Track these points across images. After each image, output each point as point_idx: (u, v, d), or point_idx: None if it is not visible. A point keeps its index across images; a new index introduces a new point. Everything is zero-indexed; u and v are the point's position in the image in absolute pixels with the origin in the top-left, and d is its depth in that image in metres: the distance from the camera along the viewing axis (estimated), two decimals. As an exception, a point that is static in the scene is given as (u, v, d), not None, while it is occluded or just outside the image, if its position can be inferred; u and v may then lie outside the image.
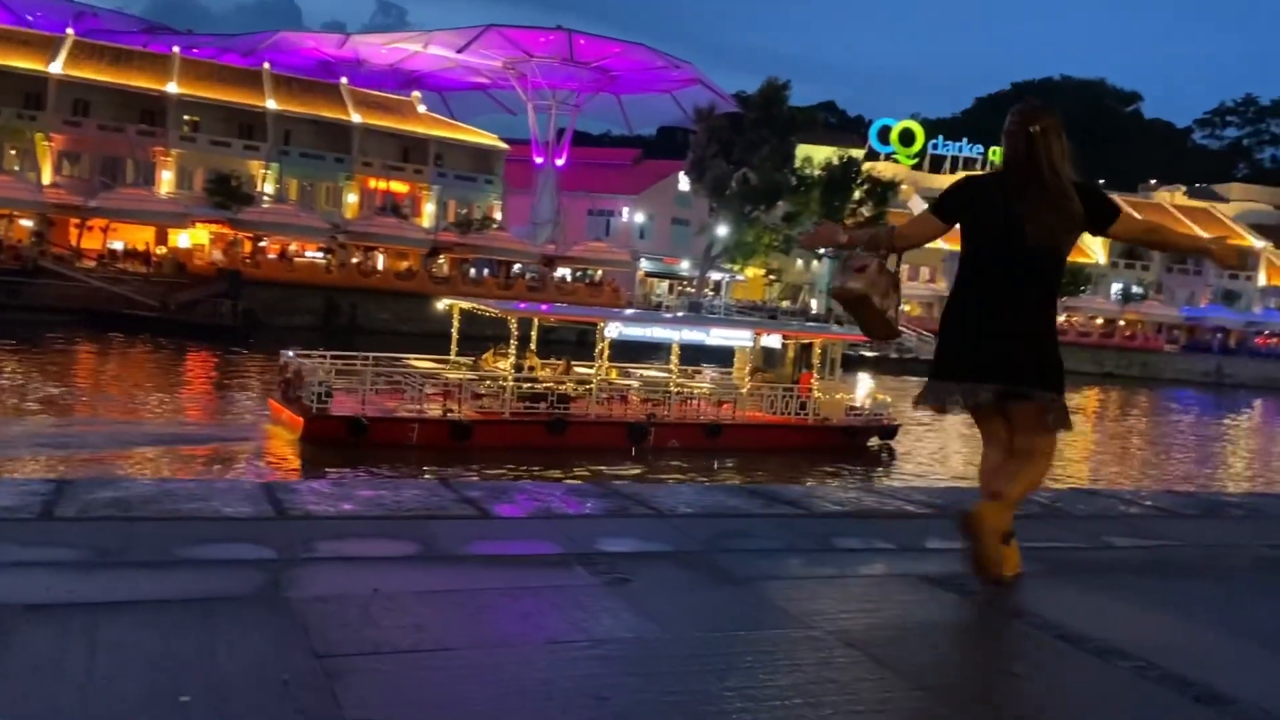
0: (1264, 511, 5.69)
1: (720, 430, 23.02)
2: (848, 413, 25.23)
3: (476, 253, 58.96)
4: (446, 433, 20.39)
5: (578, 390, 22.63)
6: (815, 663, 2.57)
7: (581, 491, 4.37)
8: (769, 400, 24.33)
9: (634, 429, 22.05)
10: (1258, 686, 2.68)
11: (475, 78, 70.64)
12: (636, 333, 25.87)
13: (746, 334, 26.44)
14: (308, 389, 19.79)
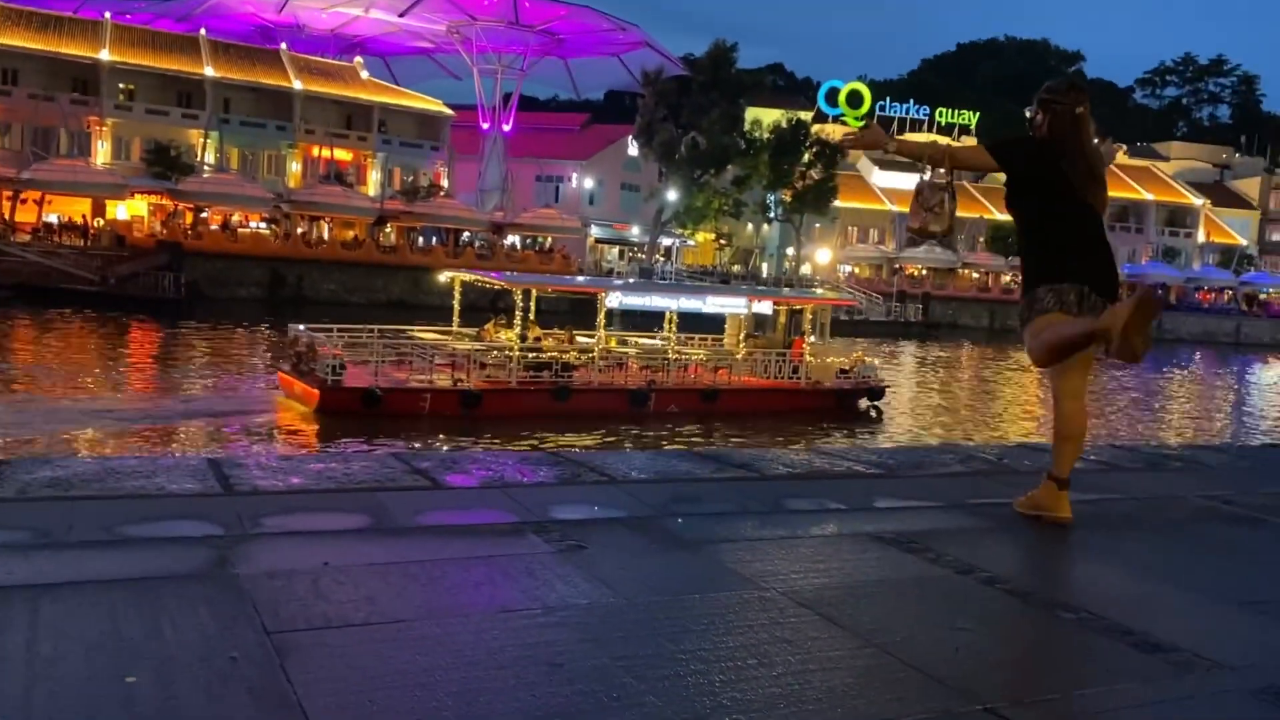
0: (1202, 463, 5.83)
1: (717, 395, 23.68)
2: (838, 375, 25.81)
3: (424, 221, 58.26)
4: (456, 402, 20.83)
5: (580, 359, 23.17)
6: (767, 623, 2.60)
7: (534, 460, 4.37)
8: (763, 365, 25.00)
9: (635, 395, 22.77)
10: (1195, 634, 2.76)
11: (419, 42, 69.47)
12: (635, 302, 26.35)
13: (741, 301, 26.92)
14: (321, 362, 20.17)
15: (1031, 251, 4.00)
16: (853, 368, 26.37)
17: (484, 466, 4.10)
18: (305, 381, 20.50)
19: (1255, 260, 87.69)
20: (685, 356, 24.71)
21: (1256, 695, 2.35)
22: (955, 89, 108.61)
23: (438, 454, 4.33)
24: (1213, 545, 3.88)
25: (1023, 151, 4.02)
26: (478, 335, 23.85)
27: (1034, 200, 3.98)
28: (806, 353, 25.49)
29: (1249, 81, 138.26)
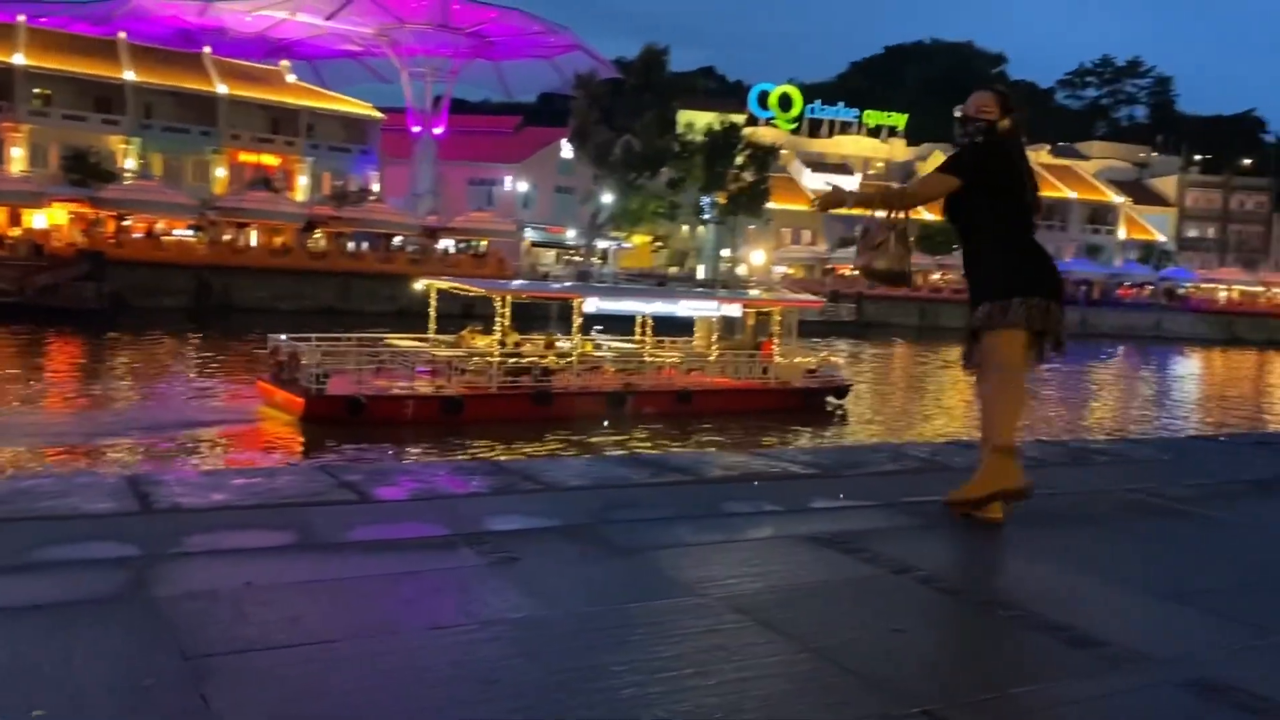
0: (1127, 456, 5.95)
1: (691, 396, 24.23)
2: (805, 375, 26.50)
3: (354, 226, 57.41)
4: (438, 408, 21.09)
5: (558, 363, 23.54)
6: (704, 630, 2.57)
7: (467, 470, 4.29)
8: (734, 367, 25.73)
9: (613, 398, 23.15)
10: (1126, 628, 2.79)
11: (346, 45, 68.49)
12: (611, 307, 26.56)
13: (712, 304, 27.56)
14: (305, 371, 20.40)
15: (1002, 257, 3.96)
16: (818, 367, 27.18)
17: (415, 478, 4.01)
18: (289, 391, 20.62)
19: (1173, 256, 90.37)
20: (659, 359, 25.33)
21: (1186, 688, 2.38)
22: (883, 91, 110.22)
23: (367, 466, 4.24)
24: (1139, 538, 3.95)
25: (984, 157, 3.99)
26: (456, 342, 24.06)
27: (998, 203, 3.97)
28: (775, 353, 26.26)
29: (1164, 82, 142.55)
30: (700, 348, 26.94)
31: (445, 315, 26.18)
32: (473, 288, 26.35)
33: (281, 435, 20.03)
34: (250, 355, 32.01)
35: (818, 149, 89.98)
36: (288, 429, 20.28)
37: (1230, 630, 2.83)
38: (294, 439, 19.75)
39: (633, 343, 26.33)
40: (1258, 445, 6.67)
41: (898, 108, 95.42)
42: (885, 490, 4.42)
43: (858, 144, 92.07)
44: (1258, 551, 3.79)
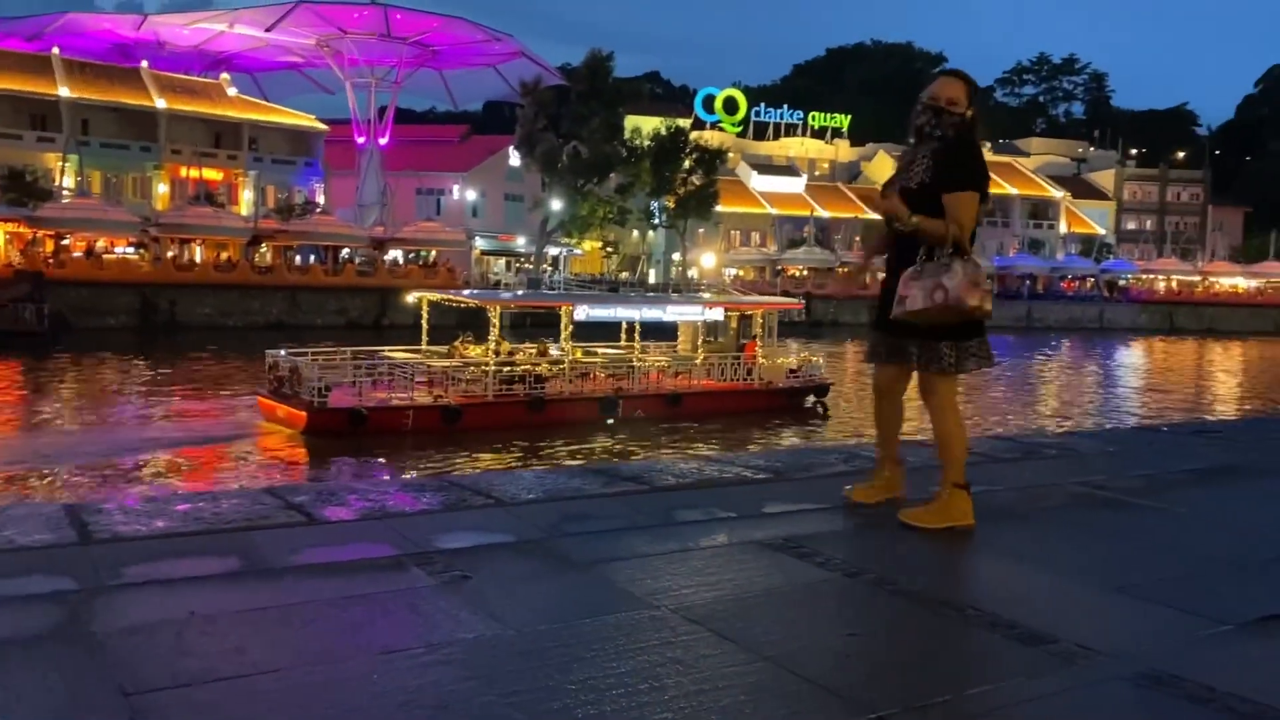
0: (1075, 450, 6.04)
1: (680, 399, 24.82)
2: (788, 375, 27.07)
3: (301, 239, 56.71)
4: (438, 418, 21.47)
5: (551, 370, 23.94)
6: (659, 643, 2.55)
7: (417, 486, 4.23)
8: (720, 369, 26.22)
9: (605, 403, 23.61)
10: (1075, 623, 2.82)
11: (288, 57, 67.67)
12: (601, 314, 27.10)
13: (697, 309, 27.95)
14: (307, 385, 20.67)
15: None
16: (800, 367, 27.76)
17: (363, 497, 3.95)
18: (290, 405, 20.82)
19: (1113, 248, 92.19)
20: (648, 364, 25.90)
21: (1135, 681, 2.41)
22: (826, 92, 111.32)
23: (314, 487, 4.17)
24: (1087, 531, 4.00)
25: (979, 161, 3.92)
26: (449, 352, 24.37)
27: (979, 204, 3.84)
28: (759, 355, 26.84)
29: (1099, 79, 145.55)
30: (685, 351, 27.45)
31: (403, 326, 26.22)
32: (466, 299, 26.72)
33: (286, 450, 20.14)
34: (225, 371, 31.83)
35: (764, 151, 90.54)
36: (291, 443, 20.45)
37: (1178, 622, 2.87)
38: (298, 452, 19.98)
39: (619, 348, 26.81)
40: (1197, 435, 6.80)
41: (840, 109, 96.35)
42: (838, 492, 4.44)
43: (803, 145, 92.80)
44: (1202, 541, 3.85)
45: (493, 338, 23.78)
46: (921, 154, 3.89)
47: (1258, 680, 2.44)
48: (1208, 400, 33.56)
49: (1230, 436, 6.70)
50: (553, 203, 64.79)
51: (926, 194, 3.78)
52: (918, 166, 3.87)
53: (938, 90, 3.88)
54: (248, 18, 61.81)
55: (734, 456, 5.58)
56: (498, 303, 24.90)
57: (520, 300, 30.42)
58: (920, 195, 3.80)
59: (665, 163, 66.71)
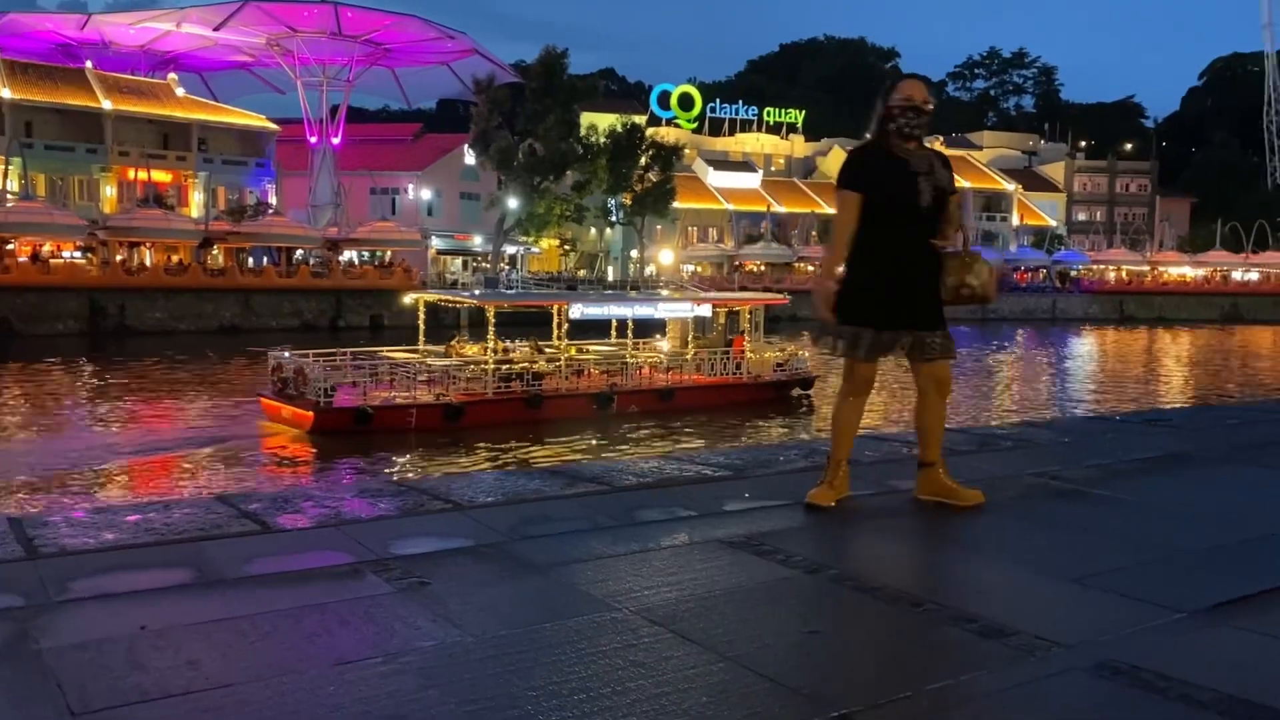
0: (1030, 440, 6.11)
1: (673, 394, 25.68)
2: (775, 369, 27.89)
3: (253, 241, 55.96)
4: (440, 415, 22.14)
5: (548, 368, 24.73)
6: (620, 646, 2.53)
7: (373, 491, 4.18)
8: (710, 364, 27.09)
9: (600, 398, 24.42)
10: (1034, 615, 2.84)
11: (237, 56, 66.70)
12: (595, 312, 28.00)
13: (687, 305, 28.83)
14: (312, 385, 21.22)
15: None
16: (786, 361, 28.49)
17: (319, 504, 3.89)
18: (296, 405, 21.35)
19: (1064, 240, 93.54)
20: (640, 359, 26.73)
21: (1094, 672, 2.43)
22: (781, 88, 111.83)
23: (268, 494, 4.10)
24: (1044, 521, 4.04)
25: None
26: (446, 352, 25.22)
27: None
28: (747, 350, 27.72)
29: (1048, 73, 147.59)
30: (674, 347, 28.26)
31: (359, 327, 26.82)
32: (464, 299, 27.91)
33: (296, 449, 20.61)
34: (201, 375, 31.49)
35: (720, 147, 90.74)
36: (299, 442, 20.86)
37: (1134, 611, 2.90)
38: (306, 451, 20.47)
39: (610, 345, 27.77)
40: (1149, 424, 6.90)
41: (795, 104, 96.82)
42: (798, 488, 4.44)
43: (759, 141, 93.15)
44: (1156, 530, 3.90)
45: (490, 337, 24.46)
46: (932, 156, 4.21)
47: (1213, 667, 2.47)
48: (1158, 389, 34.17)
49: (1180, 425, 6.81)
50: (509, 201, 64.52)
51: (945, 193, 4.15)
52: (938, 168, 4.17)
53: (911, 91, 4.10)
54: (195, 16, 60.83)
55: (694, 454, 5.57)
56: (495, 303, 25.70)
57: (518, 300, 31.48)
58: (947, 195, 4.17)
59: (622, 159, 66.65)
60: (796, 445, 5.95)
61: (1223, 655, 2.58)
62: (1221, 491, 4.67)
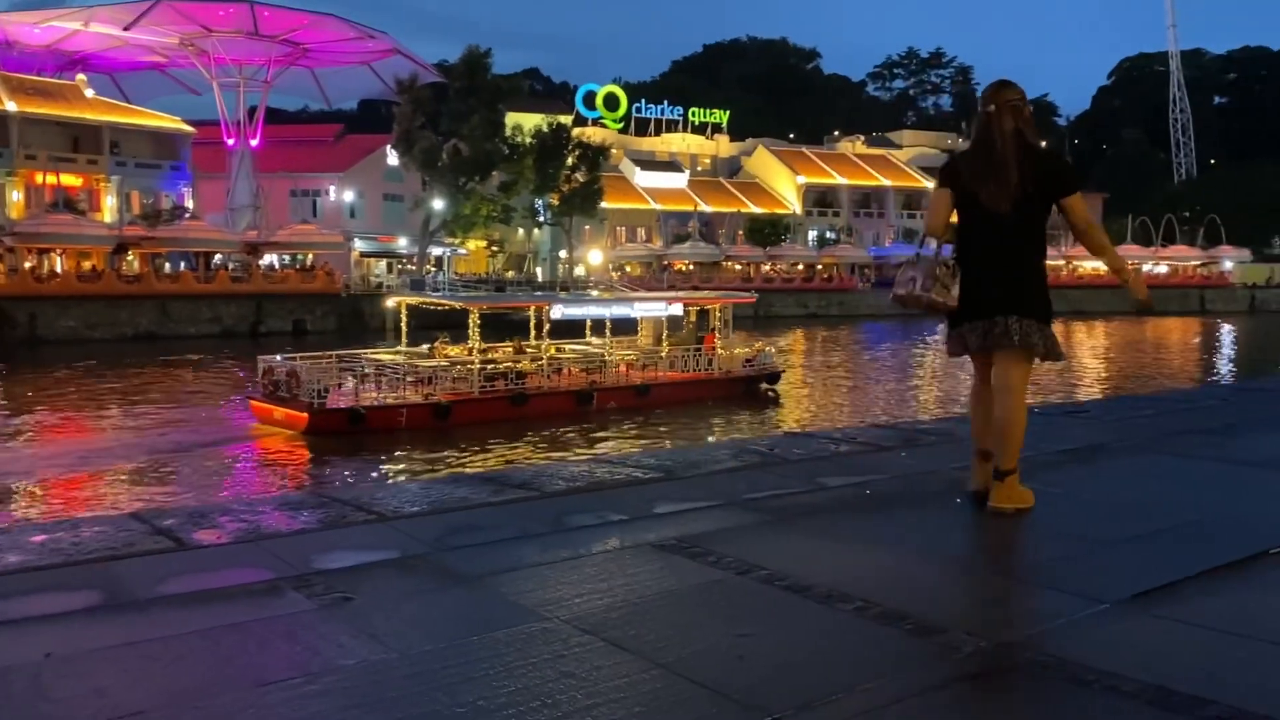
0: (953, 434, 6.19)
1: (649, 390, 26.63)
2: (744, 365, 29.09)
3: (170, 246, 54.54)
4: (429, 414, 22.81)
5: (531, 367, 25.62)
6: (551, 657, 2.48)
7: (294, 503, 4.06)
8: (683, 361, 28.29)
9: (580, 395, 25.40)
10: (962, 611, 2.87)
11: (150, 56, 64.80)
12: (576, 312, 29.14)
13: (661, 305, 29.89)
14: (306, 387, 21.77)
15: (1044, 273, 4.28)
16: (755, 357, 29.71)
17: (237, 518, 3.77)
18: (289, 407, 21.82)
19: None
20: (618, 357, 27.59)
21: (1022, 668, 2.45)
22: (705, 88, 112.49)
23: (184, 510, 3.96)
24: (968, 516, 4.08)
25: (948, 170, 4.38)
26: (430, 353, 25.84)
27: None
28: (718, 346, 28.83)
29: (965, 72, 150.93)
30: (645, 345, 29.26)
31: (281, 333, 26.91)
32: (446, 301, 28.33)
33: (293, 450, 21.00)
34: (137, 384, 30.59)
35: (647, 147, 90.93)
36: (293, 443, 21.32)
37: (1060, 603, 2.94)
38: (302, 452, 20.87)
39: (582, 343, 28.76)
40: (1067, 415, 7.05)
41: (719, 104, 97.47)
42: (727, 488, 4.44)
43: (685, 141, 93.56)
44: (1077, 520, 3.97)
45: (474, 338, 25.29)
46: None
47: (1135, 657, 2.51)
48: (1076, 380, 35.09)
49: (1097, 416, 6.97)
50: (434, 202, 63.82)
51: None
52: None
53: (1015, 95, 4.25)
54: (104, 15, 58.92)
55: (625, 457, 5.54)
56: (479, 305, 26.65)
57: (501, 301, 32.39)
58: None
59: (548, 160, 66.39)
60: (728, 445, 5.95)
61: (1142, 645, 2.63)
62: (1139, 481, 4.78)
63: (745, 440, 6.27)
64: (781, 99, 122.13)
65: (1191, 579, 3.15)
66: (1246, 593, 3.06)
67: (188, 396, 28.58)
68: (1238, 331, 65.57)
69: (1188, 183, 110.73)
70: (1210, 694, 2.27)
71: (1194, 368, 43.83)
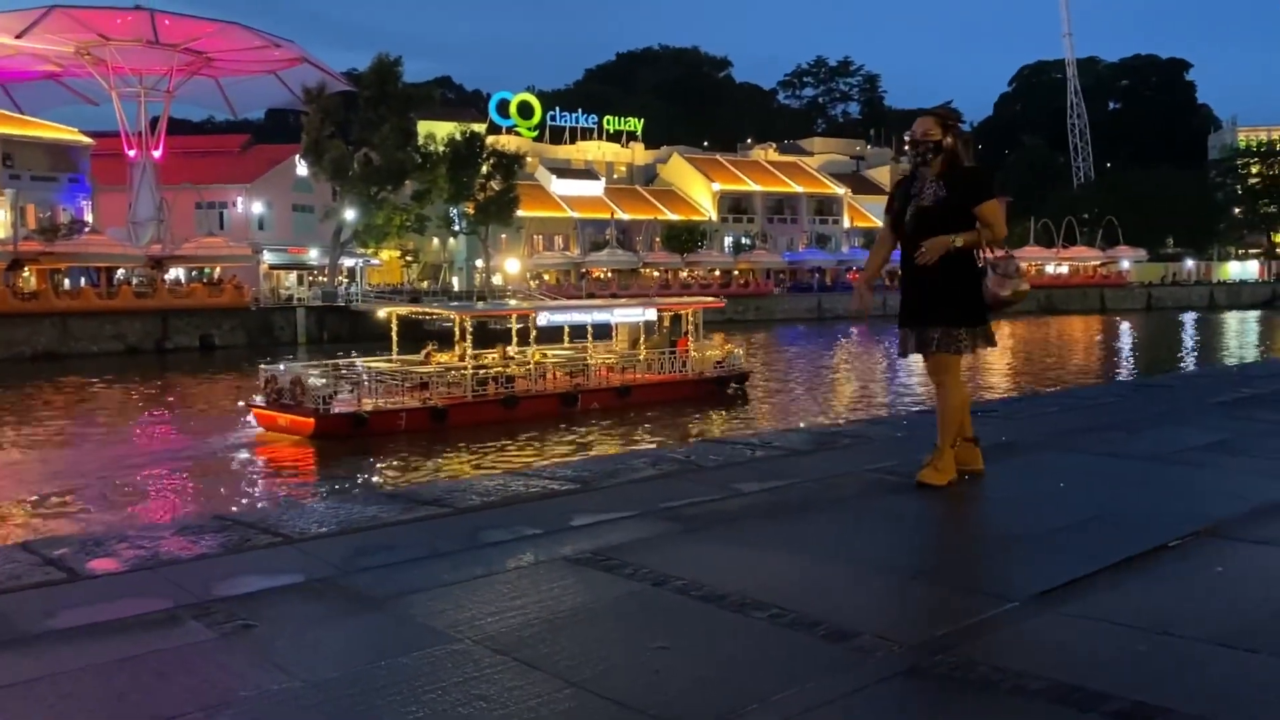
0: (867, 436, 6.27)
1: (629, 391, 28.53)
2: (715, 366, 30.98)
3: (69, 261, 52.65)
4: (427, 417, 24.35)
5: (519, 371, 27.29)
6: (462, 680, 2.42)
7: (195, 528, 3.90)
8: (660, 363, 30.27)
9: (566, 398, 27.18)
10: (876, 614, 2.88)
11: (44, 65, 62.44)
12: (559, 319, 31.11)
13: (638, 311, 32.00)
14: (311, 394, 23.44)
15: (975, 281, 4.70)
16: (724, 359, 31.49)
17: (134, 545, 3.61)
18: (294, 413, 23.28)
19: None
20: (598, 361, 29.51)
21: (933, 669, 2.47)
22: (619, 96, 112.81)
23: (76, 538, 3.78)
24: (883, 517, 4.13)
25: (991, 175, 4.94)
26: (423, 360, 27.01)
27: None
28: (691, 349, 30.73)
29: (872, 80, 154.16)
30: (622, 349, 30.99)
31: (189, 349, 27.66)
32: (437, 311, 30.55)
33: (300, 453, 22.49)
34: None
35: (562, 155, 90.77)
36: (300, 447, 22.75)
37: (970, 603, 2.97)
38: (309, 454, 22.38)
39: (564, 348, 30.51)
40: (976, 414, 7.19)
41: (633, 112, 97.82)
42: (644, 497, 4.42)
43: (600, 149, 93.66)
44: (987, 519, 4.05)
45: (466, 345, 27.17)
46: (928, 179, 4.66)
47: (1043, 654, 2.55)
48: (983, 380, 35.99)
49: (1006, 415, 7.13)
50: (346, 212, 62.80)
51: (945, 209, 4.59)
52: (928, 190, 4.66)
53: (915, 127, 4.66)
54: (-7, 22, 56.71)
55: (541, 469, 5.48)
56: (467, 313, 28.87)
57: (488, 310, 34.36)
58: (940, 211, 4.60)
59: (462, 168, 65.83)
60: (646, 454, 5.93)
61: (1051, 642, 2.67)
62: (1045, 478, 4.90)
63: (663, 449, 6.26)
64: (695, 107, 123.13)
65: (1096, 574, 3.22)
66: (1148, 587, 3.14)
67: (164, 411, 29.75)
68: (1135, 329, 68.05)
69: (1086, 186, 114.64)
70: (1114, 690, 2.32)
71: (1096, 365, 45.37)
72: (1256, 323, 73.61)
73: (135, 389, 35.80)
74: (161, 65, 60.05)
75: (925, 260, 4.57)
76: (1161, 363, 43.83)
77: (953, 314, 4.64)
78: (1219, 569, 3.31)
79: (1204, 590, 3.11)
